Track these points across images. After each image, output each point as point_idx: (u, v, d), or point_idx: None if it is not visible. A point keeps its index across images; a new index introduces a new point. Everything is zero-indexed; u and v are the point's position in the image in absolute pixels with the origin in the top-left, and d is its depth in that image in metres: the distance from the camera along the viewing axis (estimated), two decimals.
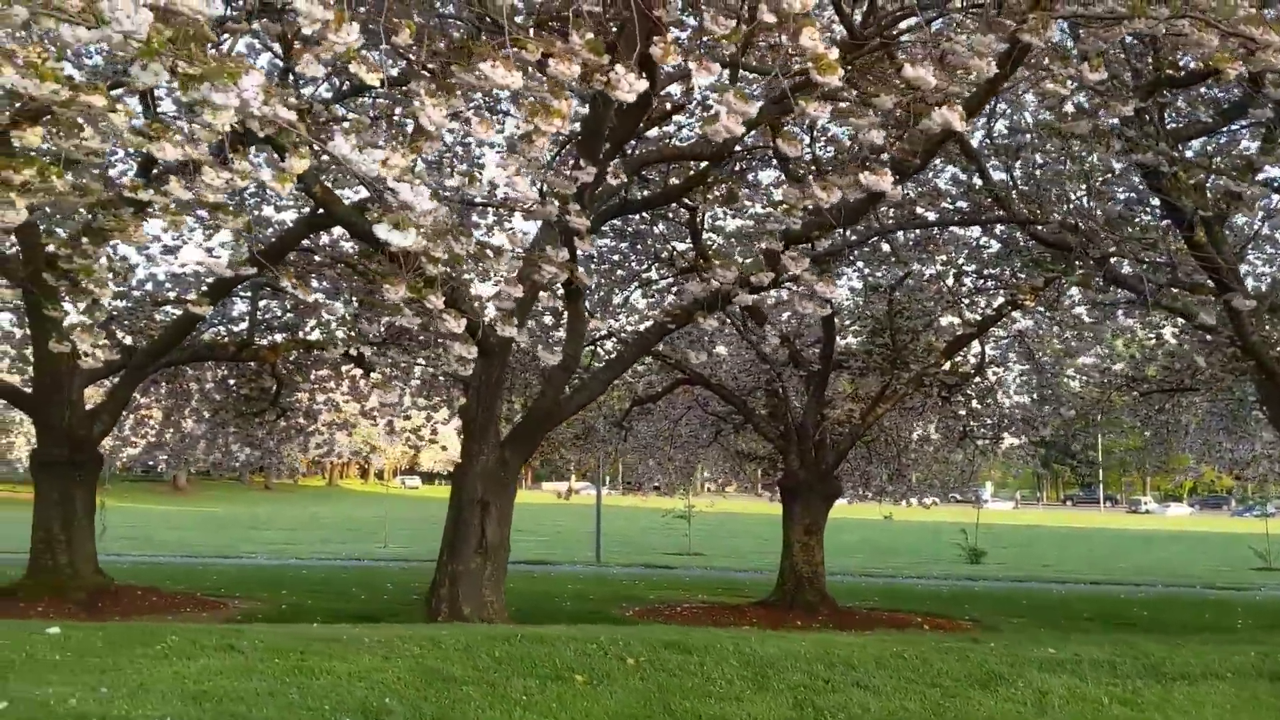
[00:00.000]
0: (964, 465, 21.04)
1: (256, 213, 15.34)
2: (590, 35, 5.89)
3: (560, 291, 10.27)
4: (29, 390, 15.12)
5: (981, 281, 15.52)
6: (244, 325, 17.51)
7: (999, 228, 13.88)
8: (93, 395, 16.69)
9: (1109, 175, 11.01)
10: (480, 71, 4.68)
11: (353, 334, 16.64)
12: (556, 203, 7.47)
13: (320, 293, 16.73)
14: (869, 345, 15.53)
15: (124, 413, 16.65)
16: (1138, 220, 12.18)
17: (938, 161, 12.54)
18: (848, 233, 11.75)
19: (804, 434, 15.97)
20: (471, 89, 8.06)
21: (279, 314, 18.05)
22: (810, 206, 7.93)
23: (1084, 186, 11.15)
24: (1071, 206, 11.34)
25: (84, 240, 8.18)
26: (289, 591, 16.97)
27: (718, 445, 21.16)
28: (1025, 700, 5.82)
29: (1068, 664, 6.47)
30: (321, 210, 11.50)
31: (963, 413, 19.03)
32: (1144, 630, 13.76)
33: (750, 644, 6.79)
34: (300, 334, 17.77)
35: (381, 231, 5.12)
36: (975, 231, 14.79)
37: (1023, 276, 14.74)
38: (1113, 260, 12.74)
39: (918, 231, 14.40)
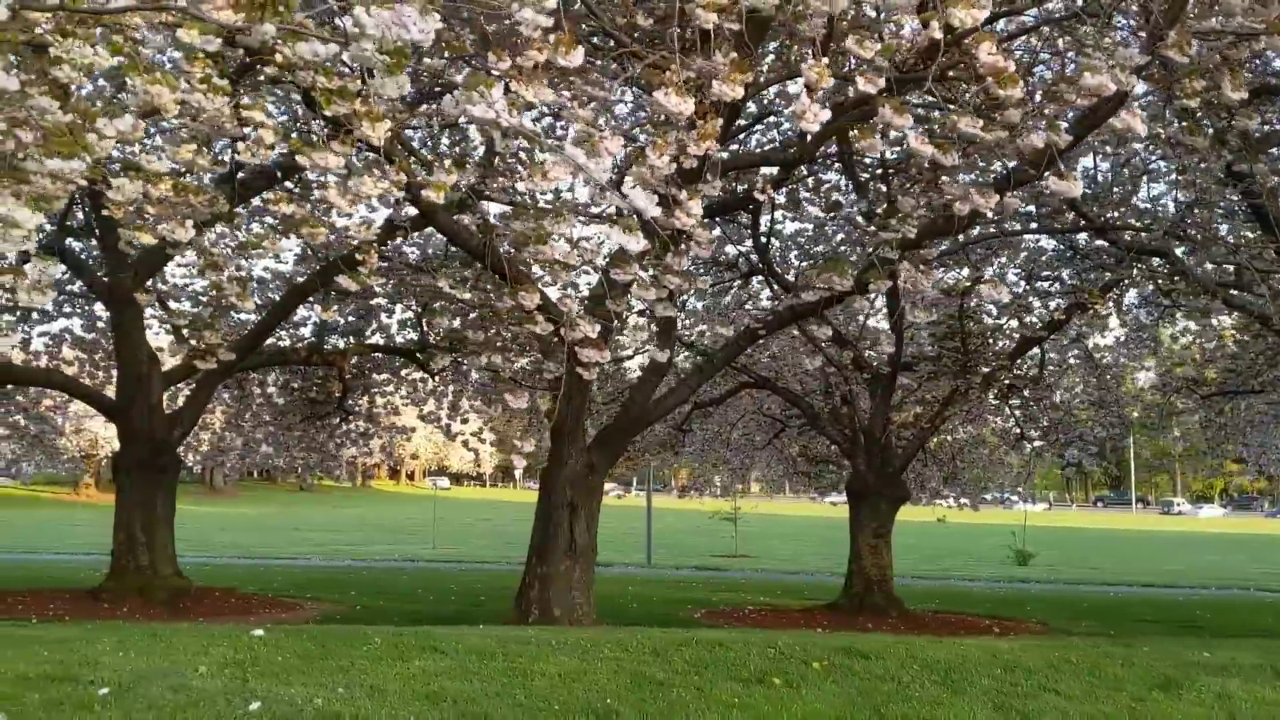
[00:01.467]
0: (1019, 468, 21.09)
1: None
2: (734, 55, 6.03)
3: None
4: (112, 396, 15.36)
5: (1049, 285, 15.59)
6: (307, 330, 17.72)
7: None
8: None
9: (1205, 184, 11.03)
10: (656, 100, 4.82)
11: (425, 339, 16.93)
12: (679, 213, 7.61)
13: (385, 296, 16.95)
14: (939, 349, 15.57)
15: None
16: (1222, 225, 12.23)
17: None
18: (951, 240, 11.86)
19: (871, 437, 16.05)
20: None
21: (344, 320, 18.25)
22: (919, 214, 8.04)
23: (1176, 194, 11.20)
24: (1165, 213, 11.40)
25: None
26: (357, 593, 17.19)
27: (771, 448, 21.28)
28: (1210, 704, 5.90)
29: (1230, 668, 6.54)
30: (409, 216, 11.72)
31: (1019, 415, 19.04)
32: (1210, 634, 13.76)
33: (921, 649, 6.91)
34: (363, 339, 17.97)
35: (616, 235, 5.31)
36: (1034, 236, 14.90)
37: (1090, 279, 14.81)
38: (1190, 262, 12.81)
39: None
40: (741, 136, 14.33)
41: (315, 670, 5.37)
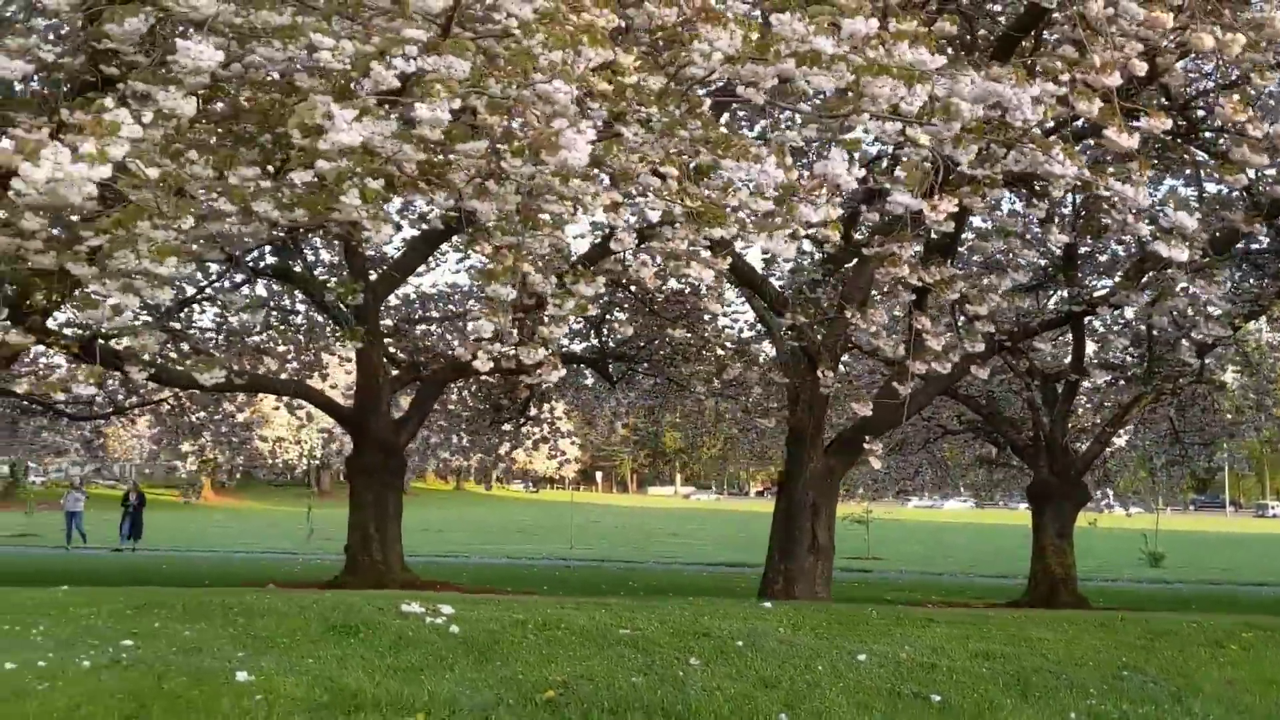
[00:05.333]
0: (1173, 471, 21.46)
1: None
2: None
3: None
4: (349, 404, 16.53)
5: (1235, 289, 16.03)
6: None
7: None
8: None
9: None
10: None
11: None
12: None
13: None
14: (1123, 354, 16.13)
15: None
16: None
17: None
18: None
19: (1053, 441, 16.64)
20: None
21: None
22: None
23: None
24: None
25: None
26: (549, 588, 18.16)
27: (926, 451, 21.90)
28: None
29: None
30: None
31: (1175, 418, 19.42)
32: None
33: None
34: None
35: None
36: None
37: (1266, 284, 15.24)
38: None
39: None
40: None
41: (863, 632, 6.43)
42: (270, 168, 5.70)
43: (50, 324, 9.64)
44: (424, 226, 14.08)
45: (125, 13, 5.21)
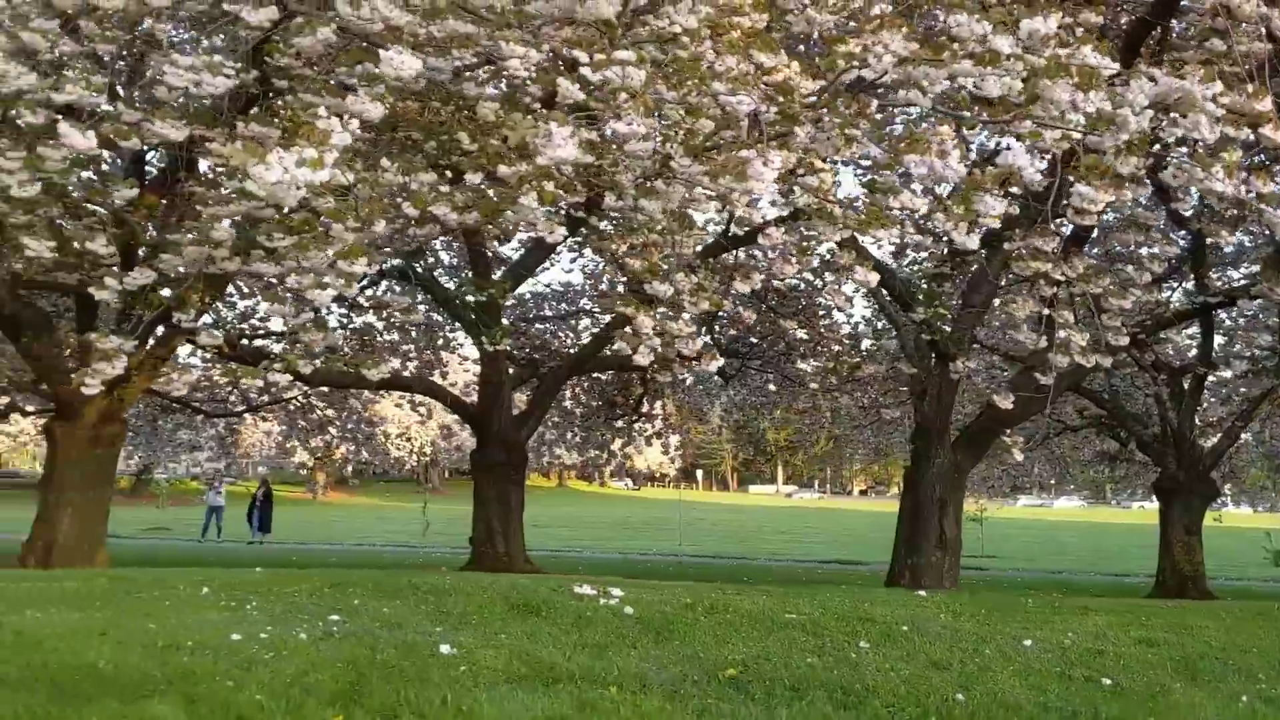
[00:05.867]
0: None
1: None
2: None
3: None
4: (471, 402, 17.03)
5: None
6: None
7: None
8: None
9: None
10: None
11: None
12: None
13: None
14: (1253, 346, 15.75)
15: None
16: None
17: None
18: None
19: (1181, 436, 16.32)
20: None
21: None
22: None
23: None
24: None
25: None
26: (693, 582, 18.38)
27: (1044, 448, 21.58)
28: None
29: None
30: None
31: None
32: None
33: None
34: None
35: None
36: None
37: None
38: None
39: None
40: None
41: (1023, 620, 6.55)
42: (448, 173, 5.99)
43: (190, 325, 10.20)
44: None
45: (313, 26, 5.53)
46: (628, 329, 7.46)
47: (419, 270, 16.57)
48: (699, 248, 10.03)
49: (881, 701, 4.23)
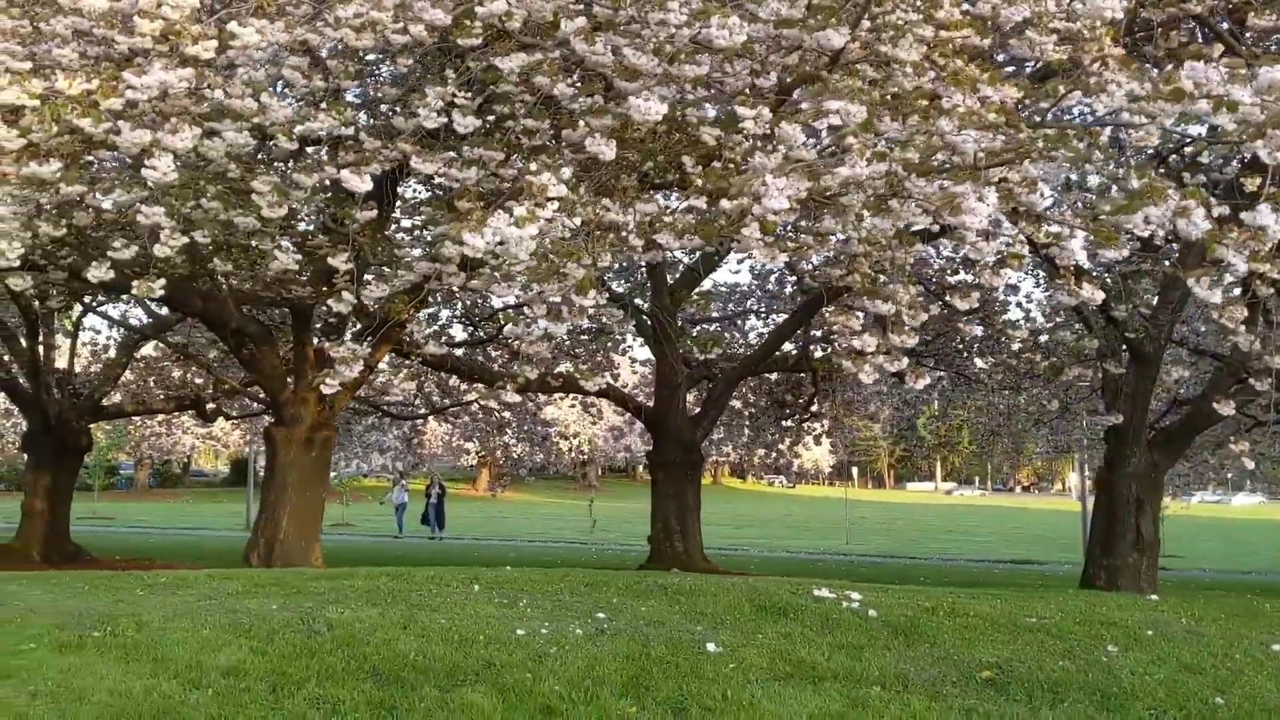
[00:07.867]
0: None
1: None
2: None
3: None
4: (650, 404, 17.41)
5: None
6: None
7: None
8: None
9: None
10: None
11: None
12: None
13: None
14: None
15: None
16: None
17: None
18: None
19: None
20: None
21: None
22: None
23: None
24: None
25: None
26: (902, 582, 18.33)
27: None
28: None
29: None
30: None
31: None
32: None
33: None
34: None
35: None
36: None
37: None
38: None
39: None
40: None
41: (1265, 624, 6.55)
42: (674, 201, 6.22)
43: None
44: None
45: (553, 68, 5.80)
46: (849, 345, 7.50)
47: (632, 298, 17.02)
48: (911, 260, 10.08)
49: (1143, 705, 4.29)
